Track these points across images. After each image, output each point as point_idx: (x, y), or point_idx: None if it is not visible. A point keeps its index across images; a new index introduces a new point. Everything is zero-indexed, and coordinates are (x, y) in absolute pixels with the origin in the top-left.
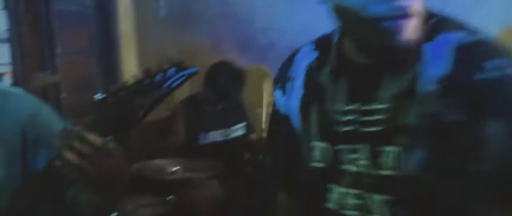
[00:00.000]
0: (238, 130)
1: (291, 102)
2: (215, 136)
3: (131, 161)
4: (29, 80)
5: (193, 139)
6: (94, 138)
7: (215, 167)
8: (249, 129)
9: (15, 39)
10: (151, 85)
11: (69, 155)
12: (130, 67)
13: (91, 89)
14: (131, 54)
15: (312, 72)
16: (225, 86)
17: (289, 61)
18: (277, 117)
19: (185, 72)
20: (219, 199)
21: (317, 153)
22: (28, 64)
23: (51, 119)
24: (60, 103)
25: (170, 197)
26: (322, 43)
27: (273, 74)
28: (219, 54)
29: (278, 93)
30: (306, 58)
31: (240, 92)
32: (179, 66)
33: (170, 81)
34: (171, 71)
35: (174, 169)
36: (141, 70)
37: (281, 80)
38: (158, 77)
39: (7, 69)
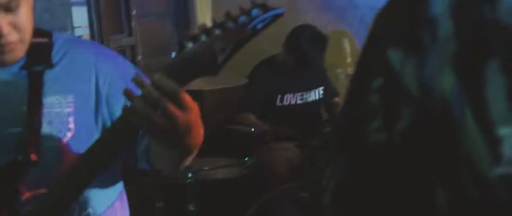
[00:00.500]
0: (316, 93)
1: (436, 63)
2: (292, 98)
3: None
4: (106, 42)
5: (270, 101)
6: (166, 83)
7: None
8: (332, 92)
9: (92, 2)
10: (234, 28)
11: (141, 105)
12: None
13: (166, 52)
14: (206, 16)
15: (465, 8)
16: (307, 51)
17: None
18: (397, 96)
19: (270, 13)
20: (296, 161)
21: (508, 148)
22: (105, 27)
23: (126, 69)
24: (136, 65)
25: (247, 159)
26: None
27: (352, 34)
28: (297, 13)
29: (396, 54)
30: None
31: (321, 57)
32: (263, 7)
33: (254, 22)
34: (254, 12)
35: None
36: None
37: (405, 29)
38: (241, 19)
39: (84, 32)
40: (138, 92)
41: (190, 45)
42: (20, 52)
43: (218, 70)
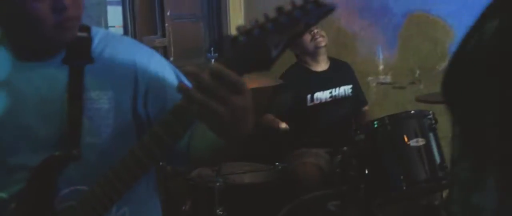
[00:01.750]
0: (346, 90)
1: None
2: (322, 96)
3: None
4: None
5: (301, 103)
6: (228, 72)
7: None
8: (361, 97)
9: (127, 2)
10: (288, 22)
11: (198, 94)
12: None
13: (198, 53)
14: (239, 18)
15: None
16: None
17: None
18: None
19: (324, 8)
20: (327, 168)
21: None
22: (139, 27)
23: (163, 65)
24: None
25: (277, 164)
26: None
27: (385, 39)
28: (330, 19)
29: None
30: None
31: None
32: (317, 3)
33: (307, 17)
34: (309, 7)
35: (283, 126)
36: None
37: None
38: (295, 14)
39: (118, 32)
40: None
41: (243, 39)
42: (76, 31)
43: (271, 65)
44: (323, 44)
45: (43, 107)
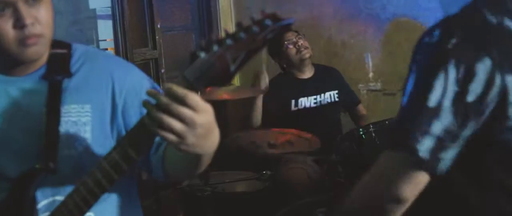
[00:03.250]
0: (331, 96)
1: None
2: (307, 102)
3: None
4: (130, 55)
5: (285, 108)
6: (179, 90)
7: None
8: (350, 99)
9: (117, 15)
10: (245, 38)
11: (157, 112)
12: None
13: (183, 70)
14: (229, 28)
15: None
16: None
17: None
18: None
19: (281, 23)
20: (315, 176)
21: None
22: (130, 40)
23: (142, 80)
24: (160, 78)
25: (266, 172)
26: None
27: (374, 47)
28: (320, 27)
29: (486, 62)
30: None
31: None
32: (274, 18)
33: (265, 32)
34: (265, 22)
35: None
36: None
37: (488, 44)
38: (253, 29)
39: (109, 45)
40: (153, 102)
41: (203, 55)
42: (42, 48)
43: (230, 79)
44: (307, 56)
45: (22, 120)
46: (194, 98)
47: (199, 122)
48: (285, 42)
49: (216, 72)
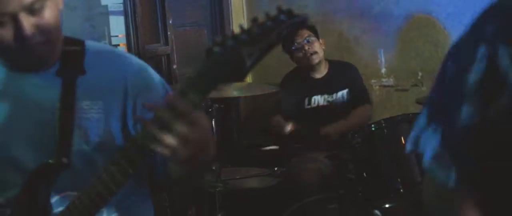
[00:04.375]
0: (343, 95)
1: None
2: (320, 100)
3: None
4: (142, 51)
5: (299, 105)
6: (182, 105)
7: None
8: (360, 97)
9: (129, 11)
10: (260, 33)
11: (151, 128)
12: None
13: (201, 61)
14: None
15: None
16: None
17: None
18: (498, 84)
19: (295, 19)
20: (326, 172)
21: None
22: (142, 36)
23: (153, 78)
24: (171, 74)
25: (277, 168)
26: None
27: (387, 42)
28: (332, 23)
29: (506, 52)
30: None
31: (315, 29)
32: (289, 14)
33: (280, 28)
34: (280, 18)
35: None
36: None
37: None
38: (268, 25)
39: (121, 41)
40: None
41: (218, 50)
42: (46, 53)
43: (245, 74)
44: (315, 62)
45: (36, 116)
46: (192, 114)
47: (193, 138)
48: (295, 44)
49: (231, 67)
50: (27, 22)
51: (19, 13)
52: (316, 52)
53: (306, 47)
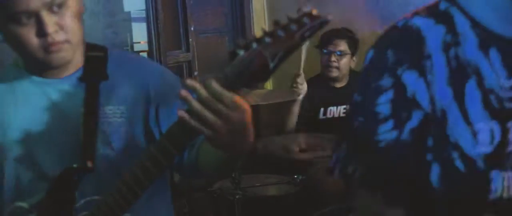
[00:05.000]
0: None
1: (435, 83)
2: (336, 111)
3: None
4: (163, 58)
5: (314, 115)
6: (217, 87)
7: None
8: None
9: (152, 18)
10: (283, 35)
11: (198, 106)
12: None
13: (222, 68)
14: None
15: (450, 48)
16: (337, 35)
17: (418, 37)
18: (406, 104)
19: (318, 21)
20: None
21: (482, 136)
22: (163, 43)
23: (174, 82)
24: None
25: (297, 176)
26: (440, 17)
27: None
28: (353, 29)
29: (411, 75)
30: (434, 33)
31: (356, 45)
32: (311, 16)
33: (303, 30)
34: (303, 20)
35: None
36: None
37: (414, 60)
38: (290, 27)
39: (143, 48)
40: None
41: (241, 53)
42: (68, 53)
43: (268, 76)
44: (332, 75)
45: (60, 120)
46: (230, 96)
47: (235, 119)
48: (327, 49)
49: (255, 69)
50: (49, 20)
51: (41, 11)
52: (338, 68)
53: (333, 58)
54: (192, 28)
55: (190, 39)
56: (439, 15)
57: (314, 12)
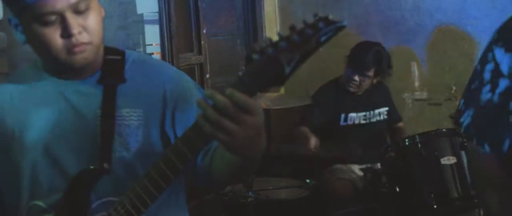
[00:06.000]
0: (380, 114)
1: None
2: (356, 118)
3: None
4: (175, 60)
5: (334, 121)
6: (239, 95)
7: (355, 152)
8: (396, 117)
9: (164, 20)
10: (299, 40)
11: (213, 113)
12: None
13: (234, 70)
14: (274, 34)
15: None
16: (368, 63)
17: None
18: (497, 74)
19: (334, 25)
20: (360, 184)
21: None
22: (176, 45)
23: (190, 86)
24: (204, 83)
25: (309, 181)
26: None
27: (420, 56)
28: (365, 36)
29: (500, 50)
30: None
31: (384, 72)
32: (327, 21)
33: (319, 35)
34: (319, 25)
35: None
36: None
37: (507, 40)
38: (306, 32)
39: (155, 50)
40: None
41: (257, 57)
42: (90, 55)
43: (284, 81)
44: (353, 90)
45: (78, 122)
46: (249, 101)
47: (251, 124)
48: (359, 69)
49: (271, 74)
50: (74, 21)
51: (66, 12)
52: (359, 86)
53: (356, 78)
54: (204, 31)
55: (202, 42)
56: None
57: (330, 17)
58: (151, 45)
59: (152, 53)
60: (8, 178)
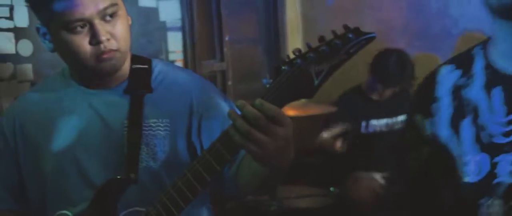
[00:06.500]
0: (402, 121)
1: (439, 122)
2: (378, 125)
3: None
4: (198, 67)
5: (355, 129)
6: (269, 106)
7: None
8: None
9: (187, 27)
10: (328, 51)
11: (243, 123)
12: None
13: (256, 77)
14: (297, 42)
15: (459, 91)
16: (391, 73)
17: (431, 83)
18: (420, 140)
19: (363, 37)
20: (382, 193)
21: (472, 167)
22: (198, 52)
23: (215, 94)
24: (226, 91)
25: (332, 189)
26: (462, 61)
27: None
28: (389, 42)
29: (421, 116)
30: (449, 78)
31: (407, 80)
32: (356, 32)
33: (348, 46)
34: (348, 36)
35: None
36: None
37: (424, 103)
38: (336, 43)
39: (178, 57)
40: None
41: (286, 69)
42: (118, 62)
43: (314, 93)
44: (374, 98)
45: (104, 132)
46: (279, 112)
47: (281, 135)
48: (389, 86)
49: (300, 86)
50: (102, 28)
51: (94, 19)
52: (381, 95)
53: (380, 87)
54: (226, 38)
55: (225, 49)
56: (463, 59)
57: (360, 28)
58: (174, 52)
59: (175, 60)
60: (35, 186)
